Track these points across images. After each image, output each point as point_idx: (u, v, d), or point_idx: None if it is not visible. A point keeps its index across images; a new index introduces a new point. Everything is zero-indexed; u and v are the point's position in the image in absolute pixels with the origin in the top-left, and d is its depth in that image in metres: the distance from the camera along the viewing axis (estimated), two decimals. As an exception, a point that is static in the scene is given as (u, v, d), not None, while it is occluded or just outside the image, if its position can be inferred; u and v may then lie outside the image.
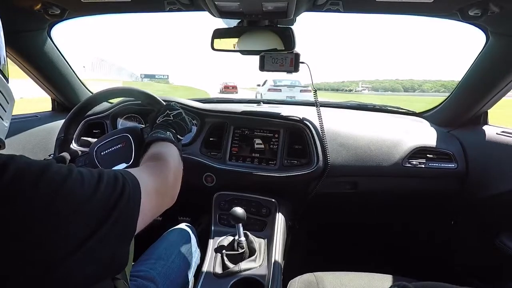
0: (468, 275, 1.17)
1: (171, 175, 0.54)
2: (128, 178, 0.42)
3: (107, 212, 0.36)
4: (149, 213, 0.45)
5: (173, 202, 0.54)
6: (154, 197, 0.46)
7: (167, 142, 0.65)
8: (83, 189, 0.36)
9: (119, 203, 0.38)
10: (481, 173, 1.04)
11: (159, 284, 0.74)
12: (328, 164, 1.05)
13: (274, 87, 8.85)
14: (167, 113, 0.76)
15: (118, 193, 0.39)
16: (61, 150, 0.86)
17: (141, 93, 0.88)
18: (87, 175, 0.38)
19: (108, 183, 0.39)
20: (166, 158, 0.58)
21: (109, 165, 0.83)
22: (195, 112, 1.18)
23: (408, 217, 1.38)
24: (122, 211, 0.38)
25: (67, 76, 1.23)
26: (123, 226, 0.39)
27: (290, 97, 8.06)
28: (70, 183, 0.35)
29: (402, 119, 1.33)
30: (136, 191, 0.42)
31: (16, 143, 1.08)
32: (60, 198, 0.33)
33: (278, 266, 0.87)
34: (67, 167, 0.37)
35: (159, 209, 0.49)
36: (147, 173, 0.49)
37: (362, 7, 0.89)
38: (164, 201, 0.51)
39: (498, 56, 0.92)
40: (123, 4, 0.90)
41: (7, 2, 0.86)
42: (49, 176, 0.34)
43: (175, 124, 0.74)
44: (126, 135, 0.85)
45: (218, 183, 1.12)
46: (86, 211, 0.35)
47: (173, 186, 0.55)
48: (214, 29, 0.92)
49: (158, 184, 0.49)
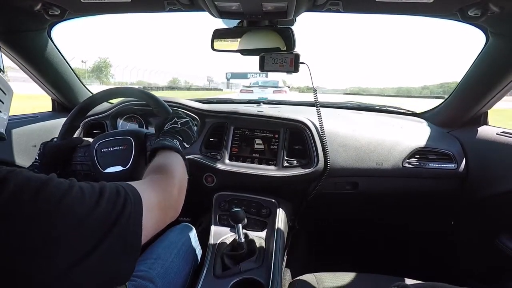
0: (468, 275, 1.17)
1: (175, 190, 0.53)
2: (130, 194, 0.41)
3: (107, 228, 0.36)
4: (151, 229, 0.44)
5: (177, 215, 0.53)
6: (157, 213, 0.46)
7: (174, 152, 0.64)
8: (83, 205, 0.35)
9: (121, 219, 0.38)
10: (481, 173, 1.04)
11: (158, 284, 0.73)
12: (328, 164, 1.05)
13: (246, 89, 8.54)
14: (175, 120, 0.76)
15: (119, 209, 0.38)
16: (65, 136, 0.87)
17: (150, 97, 0.87)
18: (88, 190, 0.37)
19: (110, 198, 0.38)
20: (171, 171, 0.57)
21: (106, 164, 0.83)
22: (195, 112, 1.19)
23: (408, 217, 1.38)
24: (123, 227, 0.38)
25: (67, 76, 1.23)
26: (125, 242, 0.38)
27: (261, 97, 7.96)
28: (70, 199, 0.34)
29: (402, 119, 1.33)
30: (138, 207, 0.41)
31: (16, 143, 1.08)
32: (59, 215, 0.33)
33: (278, 267, 0.87)
34: (68, 183, 0.37)
35: (161, 223, 0.48)
36: (150, 187, 0.48)
37: (362, 7, 0.89)
38: (167, 216, 0.50)
39: (498, 56, 0.92)
40: (123, 4, 0.90)
41: (7, 2, 0.86)
42: (48, 192, 0.33)
43: (182, 132, 0.74)
44: (129, 138, 0.85)
45: (218, 183, 1.12)
46: (85, 227, 0.34)
47: (177, 200, 0.54)
48: (214, 30, 0.92)
49: (161, 199, 0.48)
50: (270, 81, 8.86)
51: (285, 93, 8.76)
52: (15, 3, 0.86)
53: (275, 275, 0.84)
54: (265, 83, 8.68)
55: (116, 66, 45.88)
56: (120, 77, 51.10)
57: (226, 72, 41.43)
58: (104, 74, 41.29)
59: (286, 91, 8.99)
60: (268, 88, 8.23)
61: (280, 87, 8.49)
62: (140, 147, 0.85)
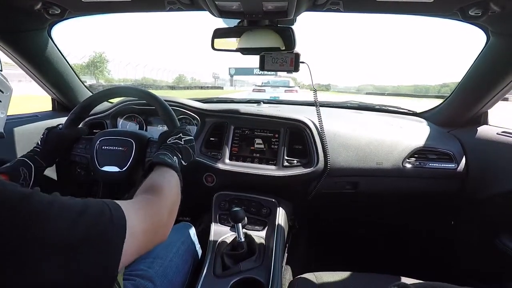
0: (468, 275, 1.17)
1: (166, 213, 0.52)
2: (115, 216, 0.40)
3: (82, 249, 0.35)
4: (132, 255, 0.42)
5: (164, 239, 0.51)
6: (141, 238, 0.44)
7: (172, 170, 0.64)
8: (60, 222, 0.35)
9: (99, 243, 0.37)
10: (481, 173, 1.04)
11: (157, 283, 0.73)
12: (328, 164, 1.05)
13: (259, 88, 8.97)
14: (179, 136, 0.76)
15: (100, 231, 0.37)
16: (71, 124, 0.87)
17: (160, 105, 0.85)
18: (68, 207, 0.37)
19: (90, 219, 0.37)
20: (165, 192, 0.55)
21: (104, 162, 0.84)
22: (195, 112, 1.19)
23: (408, 217, 1.38)
24: (101, 251, 0.37)
25: (67, 75, 1.23)
26: (101, 266, 0.37)
27: (274, 97, 8.30)
28: (49, 213, 0.34)
29: (402, 119, 1.33)
30: (121, 231, 0.40)
31: (16, 142, 1.08)
32: (34, 229, 0.32)
33: (278, 266, 0.87)
34: (49, 199, 0.36)
35: (144, 250, 0.46)
36: (140, 210, 0.46)
37: (362, 7, 0.89)
38: (152, 242, 0.48)
39: (499, 56, 0.92)
40: (123, 3, 0.90)
41: (7, 2, 0.86)
42: (27, 207, 0.33)
43: (184, 150, 0.74)
44: (131, 141, 0.85)
45: (218, 183, 1.12)
46: (58, 246, 0.34)
47: (166, 225, 0.52)
48: (214, 29, 0.92)
49: (149, 223, 0.46)
50: (280, 80, 9.31)
51: (296, 92, 8.87)
52: (15, 3, 0.86)
53: (275, 275, 0.84)
54: (276, 82, 9.09)
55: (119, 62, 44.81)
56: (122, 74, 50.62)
57: (229, 67, 35.93)
58: (100, 70, 40.72)
59: (297, 90, 9.10)
60: (280, 88, 8.55)
61: (291, 87, 8.83)
62: (140, 151, 0.85)
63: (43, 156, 0.78)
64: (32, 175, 0.73)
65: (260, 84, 9.26)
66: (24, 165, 0.72)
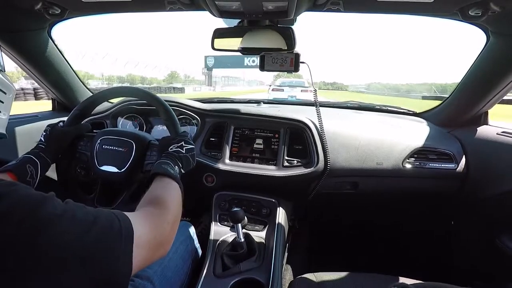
0: (468, 275, 1.17)
1: (168, 226, 0.52)
2: (123, 228, 0.41)
3: (92, 263, 0.36)
4: (136, 267, 0.42)
5: (165, 253, 0.51)
6: (146, 251, 0.45)
7: (174, 182, 0.64)
8: (71, 234, 0.35)
9: (108, 256, 0.38)
10: (481, 173, 1.04)
11: (156, 283, 0.73)
12: (328, 164, 1.05)
13: (277, 87, 9.94)
14: (181, 144, 0.76)
15: (109, 245, 0.38)
16: (73, 122, 0.86)
17: (165, 110, 0.85)
18: (79, 217, 0.37)
19: (99, 231, 0.38)
20: (167, 205, 0.56)
21: (103, 161, 0.84)
22: (195, 112, 1.19)
23: (408, 217, 1.38)
24: (108, 264, 0.37)
25: (67, 75, 1.23)
26: (109, 277, 0.38)
27: (291, 96, 8.97)
28: (59, 227, 0.34)
29: (402, 119, 1.33)
30: (128, 243, 0.41)
31: (16, 143, 1.08)
32: (44, 239, 0.33)
33: (278, 266, 0.87)
34: (62, 206, 0.37)
35: (148, 262, 0.47)
36: (145, 222, 0.47)
37: (363, 7, 0.89)
38: (155, 254, 0.48)
39: (499, 56, 0.92)
40: (123, 3, 0.90)
41: (7, 2, 0.86)
42: (37, 218, 0.33)
43: (184, 159, 0.75)
44: (132, 142, 0.84)
45: (218, 183, 1.12)
46: (69, 257, 0.34)
47: (167, 237, 0.52)
48: (214, 29, 0.92)
49: (152, 236, 0.47)
50: (295, 81, 10.38)
51: (310, 92, 9.23)
52: (16, 3, 0.86)
53: (275, 275, 0.84)
54: (291, 82, 10.08)
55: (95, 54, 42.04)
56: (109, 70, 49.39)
57: (206, 56, 23.69)
58: None
59: (311, 90, 9.49)
60: (297, 88, 9.50)
61: (306, 87, 9.59)
62: (140, 153, 0.85)
63: (48, 152, 0.78)
64: (38, 172, 0.73)
65: (279, 84, 10.23)
66: (30, 162, 0.72)
